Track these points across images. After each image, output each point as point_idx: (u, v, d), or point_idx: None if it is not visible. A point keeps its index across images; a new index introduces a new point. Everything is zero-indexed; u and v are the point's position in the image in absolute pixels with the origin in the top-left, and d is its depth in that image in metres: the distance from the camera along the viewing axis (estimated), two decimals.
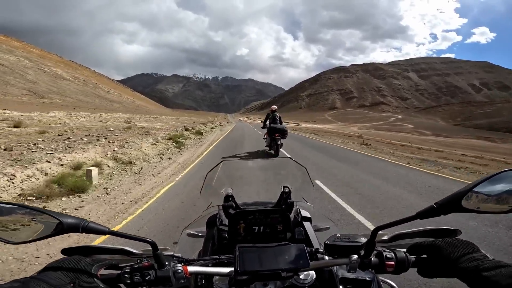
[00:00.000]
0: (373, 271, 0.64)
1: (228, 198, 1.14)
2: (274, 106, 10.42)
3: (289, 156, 7.96)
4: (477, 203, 0.58)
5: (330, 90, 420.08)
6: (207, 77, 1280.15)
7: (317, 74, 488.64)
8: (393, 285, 0.85)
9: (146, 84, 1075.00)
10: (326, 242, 0.69)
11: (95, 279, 0.57)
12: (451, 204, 0.57)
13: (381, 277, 0.80)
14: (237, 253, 0.63)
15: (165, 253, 0.65)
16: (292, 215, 1.06)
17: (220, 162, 1.38)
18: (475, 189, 0.58)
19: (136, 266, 0.60)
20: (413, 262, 0.62)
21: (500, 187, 0.58)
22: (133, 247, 0.69)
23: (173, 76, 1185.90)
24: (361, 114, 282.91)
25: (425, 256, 0.61)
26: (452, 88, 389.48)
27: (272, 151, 9.50)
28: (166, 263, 0.61)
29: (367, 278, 0.77)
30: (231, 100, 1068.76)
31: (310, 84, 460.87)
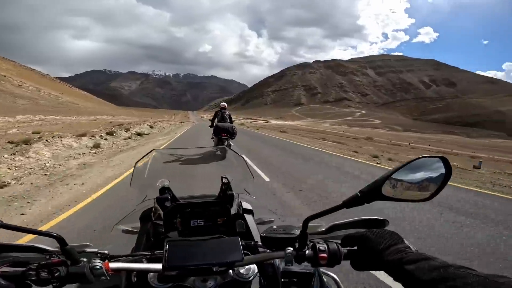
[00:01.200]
0: (309, 264, 0.62)
1: (164, 190, 1.07)
2: (224, 103, 9.55)
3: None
4: (396, 190, 0.58)
5: (295, 86, 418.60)
6: (167, 74, 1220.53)
7: (282, 70, 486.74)
8: (335, 277, 0.83)
9: (98, 82, 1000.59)
10: (261, 234, 0.68)
11: None
12: (372, 192, 0.57)
13: (324, 269, 0.79)
14: (166, 247, 0.60)
15: (88, 249, 0.61)
16: (234, 207, 1.00)
17: (151, 151, 1.29)
18: (393, 176, 0.57)
19: (43, 262, 0.54)
20: (345, 254, 0.61)
21: (418, 174, 0.58)
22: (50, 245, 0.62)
23: (129, 73, 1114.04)
24: (326, 109, 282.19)
25: (355, 248, 0.61)
26: (405, 84, 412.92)
27: (219, 153, 5.88)
28: (83, 259, 0.56)
29: (308, 271, 0.76)
30: (194, 98, 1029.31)
31: (275, 80, 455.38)
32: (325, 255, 0.60)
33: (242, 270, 0.69)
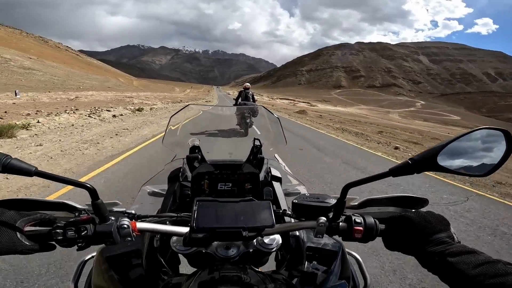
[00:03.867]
0: (341, 239, 0.59)
1: (194, 149, 1.03)
2: (247, 83, 9.50)
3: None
4: (453, 161, 0.54)
5: (334, 67, 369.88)
6: (197, 50, 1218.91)
7: (319, 49, 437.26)
8: (358, 258, 0.79)
9: (132, 56, 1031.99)
10: (293, 201, 0.62)
11: (18, 234, 0.49)
12: (427, 161, 0.52)
13: (348, 250, 0.75)
14: (195, 207, 0.57)
15: (115, 208, 0.59)
16: (262, 174, 0.96)
17: (186, 106, 1.22)
18: (451, 145, 0.52)
19: (72, 220, 0.51)
20: (381, 230, 0.57)
21: (478, 147, 0.55)
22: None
23: (160, 48, 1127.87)
24: (373, 95, 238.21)
25: (394, 226, 0.56)
26: (466, 75, 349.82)
27: (242, 130, 6.86)
28: (111, 217, 0.53)
29: (333, 249, 0.70)
30: (221, 74, 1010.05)
31: (311, 59, 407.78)
32: (361, 228, 0.56)
33: (266, 240, 0.64)
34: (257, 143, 1.00)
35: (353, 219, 0.57)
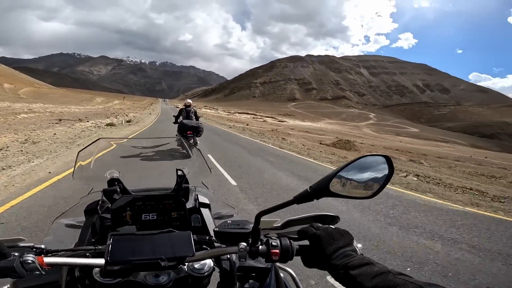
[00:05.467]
0: (264, 259, 0.61)
1: (114, 182, 0.99)
2: (189, 100, 9.09)
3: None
4: (343, 188, 0.60)
5: (287, 79, 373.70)
6: (143, 61, 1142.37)
7: (272, 61, 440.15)
8: (291, 273, 0.82)
9: (65, 65, 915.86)
10: (214, 229, 0.66)
11: None
12: (321, 189, 0.57)
13: (281, 265, 0.76)
14: (109, 241, 0.57)
15: (21, 244, 0.58)
16: (191, 201, 0.97)
17: (97, 140, 1.19)
18: (340, 174, 0.59)
19: None
20: (297, 250, 0.61)
21: (364, 172, 0.61)
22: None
23: (101, 57, 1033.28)
24: (327, 108, 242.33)
25: (307, 244, 0.61)
26: (400, 87, 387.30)
27: (184, 151, 6.43)
28: (14, 253, 0.53)
29: (265, 266, 0.74)
30: (170, 86, 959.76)
31: (265, 71, 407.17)
32: (277, 250, 0.60)
33: (196, 265, 0.67)
34: (180, 172, 0.98)
35: (270, 242, 0.61)
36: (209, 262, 0.69)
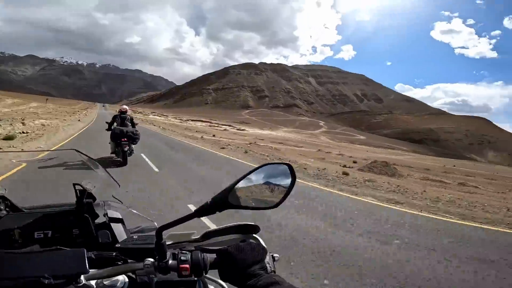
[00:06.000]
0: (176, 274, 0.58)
1: None
2: (125, 106, 8.88)
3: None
4: (243, 199, 0.58)
5: (241, 86, 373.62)
6: (80, 62, 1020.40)
7: (225, 68, 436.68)
8: (222, 285, 0.75)
9: None
10: (116, 245, 0.63)
11: None
12: (221, 201, 0.56)
13: (210, 276, 0.69)
14: None
15: None
16: (101, 218, 0.91)
17: None
18: (239, 184, 0.57)
19: None
20: (211, 264, 0.59)
21: (265, 181, 0.59)
22: None
23: (28, 56, 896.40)
24: (280, 116, 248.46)
25: (223, 259, 0.59)
26: (343, 96, 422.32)
27: (120, 159, 7.78)
28: None
29: (189, 279, 0.67)
30: (111, 90, 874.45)
31: (217, 77, 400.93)
32: (186, 265, 0.57)
33: (106, 282, 0.63)
34: (78, 187, 0.90)
35: (179, 257, 0.58)
36: (122, 278, 0.65)
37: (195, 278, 0.68)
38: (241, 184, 0.57)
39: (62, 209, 0.93)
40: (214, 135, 29.30)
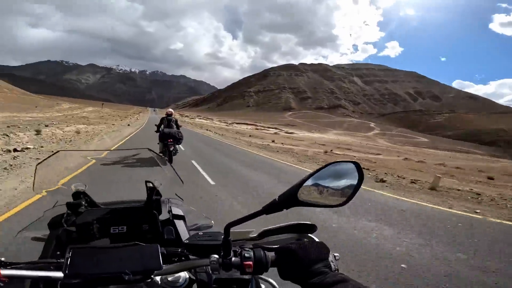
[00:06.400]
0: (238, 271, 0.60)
1: (79, 195, 0.97)
2: (170, 109, 9.54)
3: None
4: (312, 196, 0.58)
5: (282, 88, 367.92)
6: (133, 70, 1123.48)
7: (265, 70, 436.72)
8: (273, 283, 0.76)
9: (52, 73, 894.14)
10: (185, 241, 0.65)
11: None
12: (289, 198, 0.56)
13: (263, 276, 0.71)
14: (68, 254, 0.55)
15: None
16: (165, 214, 0.96)
17: (56, 152, 1.17)
18: (308, 182, 0.57)
19: None
20: (272, 261, 0.60)
21: (334, 179, 0.59)
22: None
23: (89, 65, 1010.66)
24: (325, 117, 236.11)
25: (283, 257, 0.60)
26: (393, 95, 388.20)
27: (167, 158, 8.54)
28: None
29: (243, 277, 0.69)
30: (160, 96, 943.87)
31: (258, 80, 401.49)
32: (250, 262, 0.58)
33: (170, 278, 0.66)
34: (149, 185, 0.96)
35: (243, 254, 0.59)
36: (184, 274, 0.68)
37: (248, 277, 0.70)
38: (308, 182, 0.58)
39: (133, 205, 0.97)
40: (282, 143, 24.18)
